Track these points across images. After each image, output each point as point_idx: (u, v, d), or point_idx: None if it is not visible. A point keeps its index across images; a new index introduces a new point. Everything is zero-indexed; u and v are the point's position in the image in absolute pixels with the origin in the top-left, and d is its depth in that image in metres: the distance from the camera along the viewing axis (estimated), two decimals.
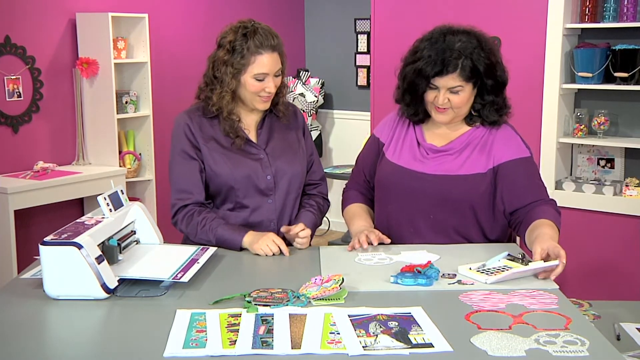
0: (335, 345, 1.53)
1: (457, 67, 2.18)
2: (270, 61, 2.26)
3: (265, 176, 2.32)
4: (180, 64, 5.15)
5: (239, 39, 2.25)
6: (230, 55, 2.25)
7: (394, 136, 2.40)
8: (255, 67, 2.25)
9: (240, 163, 2.31)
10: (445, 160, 2.30)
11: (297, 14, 6.15)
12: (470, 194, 2.26)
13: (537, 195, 2.28)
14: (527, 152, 2.31)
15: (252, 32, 2.25)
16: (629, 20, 3.55)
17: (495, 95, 2.27)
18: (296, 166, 2.39)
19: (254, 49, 2.24)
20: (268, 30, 2.29)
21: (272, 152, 2.36)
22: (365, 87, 5.79)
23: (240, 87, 2.28)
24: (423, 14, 4.00)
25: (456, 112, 2.26)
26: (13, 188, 3.89)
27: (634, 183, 3.60)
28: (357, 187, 2.51)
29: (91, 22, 4.42)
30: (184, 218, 2.32)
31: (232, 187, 2.31)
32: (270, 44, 2.26)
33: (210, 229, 2.25)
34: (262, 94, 2.29)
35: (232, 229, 2.26)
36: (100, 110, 4.49)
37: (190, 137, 2.33)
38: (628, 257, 3.60)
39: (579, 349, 1.51)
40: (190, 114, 2.36)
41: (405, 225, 2.31)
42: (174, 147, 2.37)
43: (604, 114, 3.67)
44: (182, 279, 1.86)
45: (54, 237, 1.81)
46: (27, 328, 1.66)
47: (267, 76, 2.26)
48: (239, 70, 2.25)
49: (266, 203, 2.34)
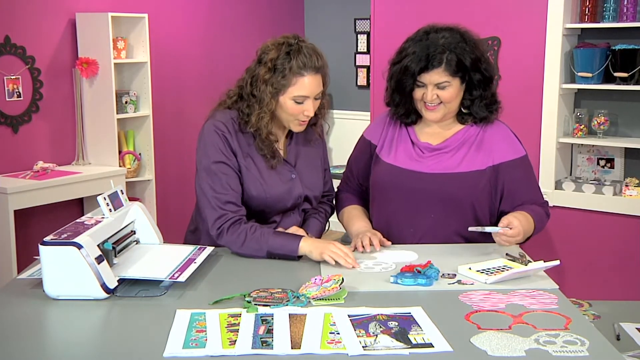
0: (335, 345, 1.53)
1: (442, 61, 2.20)
2: (312, 83, 2.16)
3: (295, 197, 2.31)
4: (180, 64, 5.15)
5: (282, 58, 2.14)
6: (271, 74, 2.14)
7: (386, 137, 2.40)
8: (296, 89, 2.15)
9: (274, 186, 2.26)
10: (442, 158, 2.30)
11: (297, 14, 6.14)
12: (471, 191, 2.26)
13: (534, 197, 2.32)
14: (523, 150, 2.34)
15: (296, 51, 2.15)
16: (629, 20, 3.55)
17: (483, 90, 2.28)
18: (319, 188, 2.40)
19: (296, 70, 2.13)
20: (313, 49, 2.19)
21: (301, 170, 2.34)
22: (365, 87, 5.79)
23: (278, 107, 2.18)
24: (423, 14, 3.99)
25: (447, 107, 2.26)
26: (13, 188, 3.88)
27: (634, 183, 3.60)
28: (350, 190, 2.52)
29: (91, 22, 4.41)
30: (229, 227, 2.15)
31: (263, 210, 2.28)
32: (314, 65, 2.16)
33: (262, 235, 2.13)
34: (301, 117, 2.19)
35: (285, 235, 2.17)
36: (100, 110, 4.48)
37: (232, 149, 2.20)
38: (628, 257, 3.60)
39: (578, 349, 1.51)
40: (226, 125, 2.21)
41: (405, 226, 2.31)
42: (210, 158, 2.20)
43: (603, 114, 3.67)
44: (179, 278, 1.86)
45: (53, 237, 1.81)
46: (27, 328, 1.66)
47: (307, 99, 2.16)
48: (278, 91, 2.15)
49: (288, 216, 2.33)
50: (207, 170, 2.20)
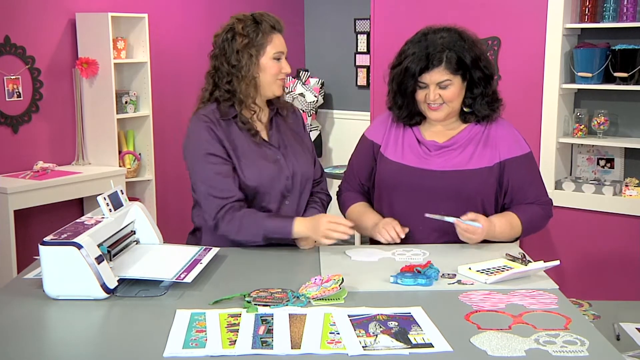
0: (335, 345, 1.53)
1: (442, 60, 2.22)
2: (282, 41, 2.31)
3: (285, 178, 2.32)
4: (180, 64, 5.15)
5: (250, 25, 2.27)
6: (249, 39, 2.26)
7: (391, 136, 2.40)
8: (274, 47, 2.28)
9: (264, 167, 2.29)
10: (450, 155, 2.30)
11: (297, 14, 6.14)
12: (481, 187, 2.28)
13: (536, 195, 2.33)
14: (528, 147, 2.35)
15: (259, 16, 2.29)
16: (629, 20, 3.55)
17: (484, 87, 2.29)
18: (309, 167, 2.41)
19: (268, 30, 2.28)
20: (270, 14, 2.33)
21: (287, 153, 2.36)
22: (365, 87, 5.79)
23: (260, 71, 2.28)
24: (423, 14, 4.00)
25: (450, 106, 2.27)
26: (13, 188, 3.88)
27: (634, 183, 3.60)
28: (352, 189, 2.51)
29: (91, 22, 4.41)
30: (225, 215, 2.21)
31: (258, 192, 2.29)
32: (279, 27, 2.31)
33: (255, 221, 2.20)
34: (280, 75, 2.30)
35: (278, 216, 2.25)
36: (100, 110, 4.48)
37: (217, 139, 2.25)
38: (628, 257, 3.60)
39: (578, 349, 1.51)
40: (209, 115, 2.28)
41: (414, 224, 2.30)
42: (200, 151, 2.25)
43: (603, 114, 3.67)
44: (185, 279, 1.86)
45: (53, 237, 1.81)
46: (27, 328, 1.66)
47: (282, 55, 2.30)
48: (259, 52, 2.26)
49: (284, 205, 2.34)
50: (197, 163, 2.27)
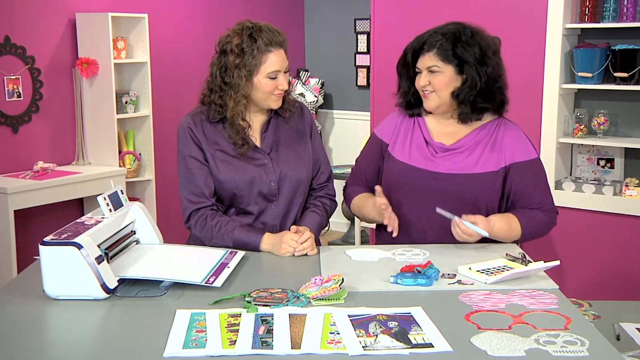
0: (335, 345, 1.53)
1: (433, 45, 2.25)
2: (280, 58, 2.25)
3: (269, 182, 2.30)
4: (180, 64, 5.15)
5: (246, 41, 2.22)
6: (241, 59, 2.21)
7: (399, 136, 2.40)
8: (268, 66, 2.23)
9: (243, 169, 2.29)
10: (457, 158, 2.29)
11: (297, 14, 6.15)
12: (487, 192, 2.27)
13: (541, 202, 2.30)
14: (535, 153, 2.33)
15: (257, 32, 2.23)
16: (629, 20, 3.55)
17: (484, 85, 2.25)
18: (300, 171, 2.36)
19: (264, 48, 2.22)
20: (271, 27, 2.27)
21: (277, 157, 2.33)
22: (365, 87, 5.79)
23: (253, 89, 2.25)
24: (423, 14, 3.99)
25: (438, 96, 2.27)
26: (13, 188, 3.88)
27: (634, 183, 3.60)
28: (357, 184, 2.51)
29: (91, 22, 4.42)
30: (197, 222, 2.28)
31: (234, 194, 2.29)
32: (278, 41, 2.24)
33: (227, 232, 2.23)
34: (276, 92, 2.27)
35: (249, 231, 2.25)
36: (100, 110, 4.49)
37: (196, 141, 2.29)
38: (628, 257, 3.60)
39: (578, 349, 1.51)
40: (193, 117, 2.32)
41: (418, 225, 2.30)
42: (181, 151, 2.32)
43: (603, 114, 3.67)
44: (215, 283, 1.85)
45: (53, 237, 1.81)
46: (27, 328, 1.66)
47: (279, 73, 2.25)
48: (252, 72, 2.22)
49: (270, 208, 2.33)
50: (179, 164, 2.32)
